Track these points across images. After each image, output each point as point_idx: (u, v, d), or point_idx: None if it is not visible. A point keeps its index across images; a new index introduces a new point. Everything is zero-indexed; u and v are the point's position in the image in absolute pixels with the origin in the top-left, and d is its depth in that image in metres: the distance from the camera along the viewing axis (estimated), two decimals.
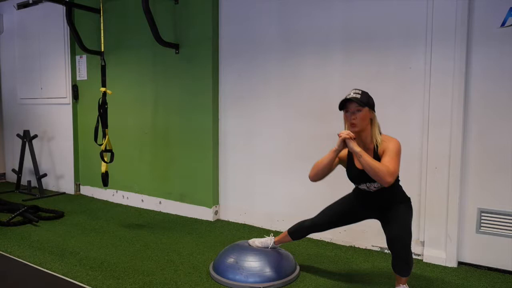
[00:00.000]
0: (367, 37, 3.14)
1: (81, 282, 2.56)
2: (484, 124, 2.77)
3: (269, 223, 3.70)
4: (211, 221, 3.96)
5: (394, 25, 3.02)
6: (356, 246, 3.27)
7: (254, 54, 3.70)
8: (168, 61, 4.14)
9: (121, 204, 4.61)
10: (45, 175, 5.08)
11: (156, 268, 2.81)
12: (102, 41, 3.77)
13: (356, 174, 2.30)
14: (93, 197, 4.93)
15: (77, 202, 4.72)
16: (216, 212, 4.03)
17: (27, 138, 5.09)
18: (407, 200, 2.35)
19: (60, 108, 5.11)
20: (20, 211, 3.89)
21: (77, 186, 5.13)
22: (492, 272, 2.77)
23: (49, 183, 5.33)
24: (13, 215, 3.83)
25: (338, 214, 2.52)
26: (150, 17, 3.77)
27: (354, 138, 2.19)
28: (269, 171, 3.71)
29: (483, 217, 2.81)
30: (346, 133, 2.19)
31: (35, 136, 5.13)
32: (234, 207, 3.96)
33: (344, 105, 2.25)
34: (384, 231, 2.29)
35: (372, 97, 2.30)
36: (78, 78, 4.98)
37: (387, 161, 2.11)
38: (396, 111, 3.05)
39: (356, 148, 2.14)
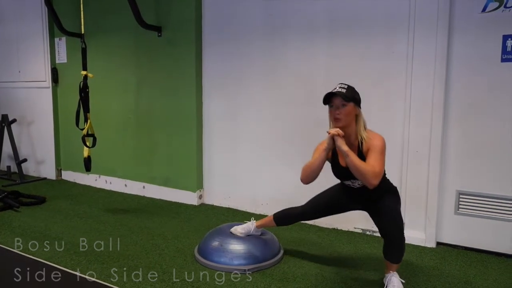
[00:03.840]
0: (351, 21, 3.14)
1: (65, 267, 2.55)
2: (464, 109, 2.83)
3: (254, 207, 3.73)
4: (195, 205, 3.97)
5: (378, 10, 3.03)
6: (339, 228, 3.33)
7: (238, 36, 3.67)
8: (150, 44, 4.07)
9: (104, 189, 4.57)
10: (25, 160, 4.98)
11: (141, 252, 2.82)
12: (83, 23, 3.68)
13: (340, 171, 2.27)
14: (75, 182, 4.88)
15: (59, 187, 4.66)
16: (200, 196, 4.04)
17: (5, 122, 4.97)
18: (394, 189, 2.35)
19: (39, 92, 4.99)
20: (0, 196, 3.82)
21: (59, 171, 5.05)
22: (469, 252, 2.86)
23: (30, 169, 5.24)
24: None
25: (328, 204, 2.51)
26: None
27: (343, 136, 2.12)
28: (253, 155, 3.73)
29: (461, 199, 2.89)
30: (335, 130, 2.12)
31: (14, 120, 5.01)
32: (219, 191, 3.97)
33: (329, 99, 2.18)
34: (376, 221, 2.30)
35: (359, 92, 2.22)
36: (57, 61, 4.86)
37: (372, 161, 2.07)
38: (379, 95, 3.08)
39: (344, 147, 2.09)
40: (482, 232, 2.84)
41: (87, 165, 3.72)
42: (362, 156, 2.14)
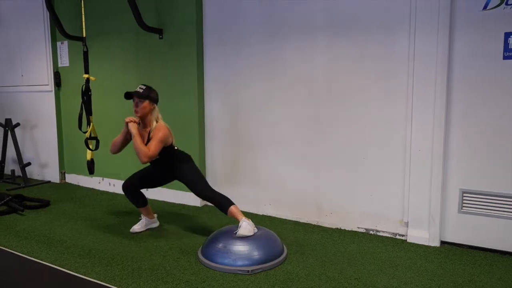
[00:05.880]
0: (351, 20, 3.14)
1: (69, 270, 2.56)
2: (466, 107, 2.82)
3: (256, 208, 3.73)
4: (198, 206, 3.98)
5: (378, 9, 3.03)
6: (342, 228, 3.33)
7: (239, 38, 3.67)
8: (152, 47, 4.08)
9: (108, 192, 4.58)
10: (29, 164, 5.01)
11: (145, 254, 2.82)
12: (84, 26, 3.69)
13: None
14: (79, 185, 4.90)
15: (63, 190, 4.68)
16: None
17: (9, 126, 4.99)
18: (186, 158, 3.07)
19: (42, 96, 5.02)
20: (5, 200, 3.84)
21: (62, 174, 5.07)
22: (473, 251, 2.85)
23: (34, 172, 5.26)
24: None
25: (147, 175, 3.19)
26: (132, 1, 3.70)
27: (138, 123, 2.90)
28: (255, 156, 3.73)
29: (464, 198, 2.88)
30: (129, 119, 2.86)
31: (18, 124, 5.04)
32: (221, 192, 3.96)
33: (131, 96, 2.89)
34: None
35: (156, 91, 2.98)
36: (60, 65, 4.89)
37: (150, 145, 2.79)
38: (380, 94, 3.08)
39: (133, 130, 2.82)
40: (486, 230, 2.83)
41: (90, 168, 3.73)
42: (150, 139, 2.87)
